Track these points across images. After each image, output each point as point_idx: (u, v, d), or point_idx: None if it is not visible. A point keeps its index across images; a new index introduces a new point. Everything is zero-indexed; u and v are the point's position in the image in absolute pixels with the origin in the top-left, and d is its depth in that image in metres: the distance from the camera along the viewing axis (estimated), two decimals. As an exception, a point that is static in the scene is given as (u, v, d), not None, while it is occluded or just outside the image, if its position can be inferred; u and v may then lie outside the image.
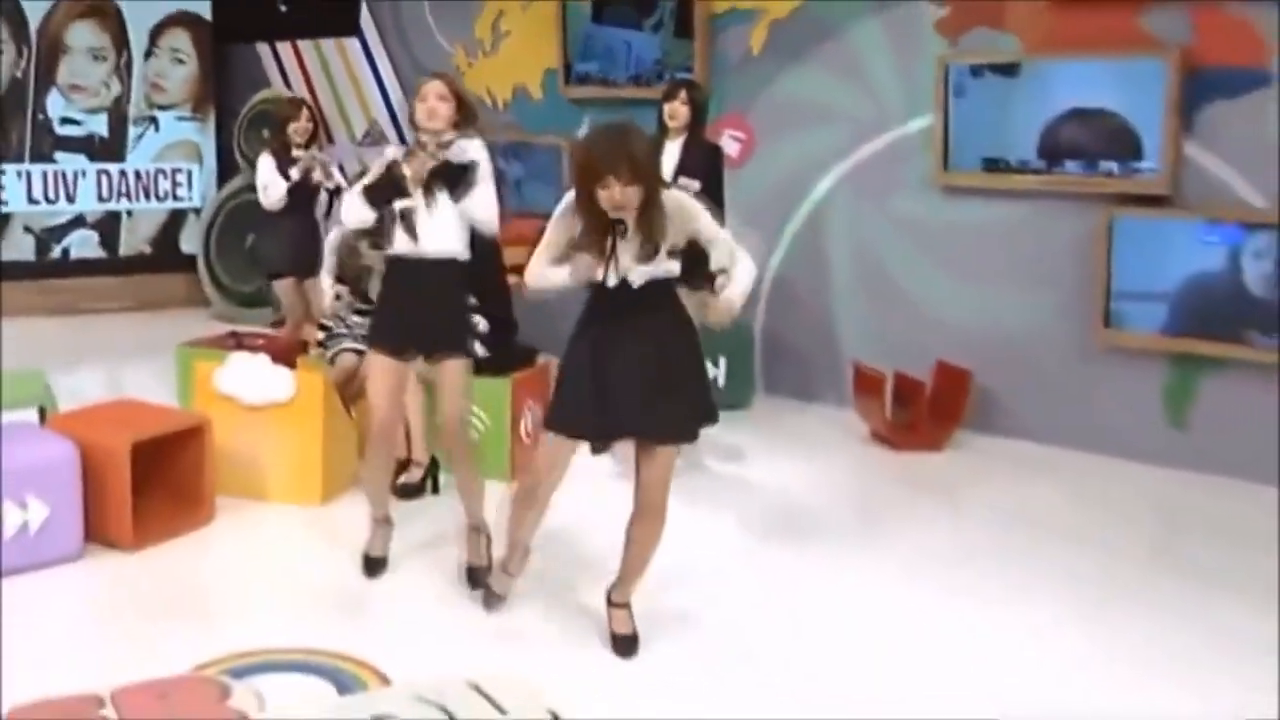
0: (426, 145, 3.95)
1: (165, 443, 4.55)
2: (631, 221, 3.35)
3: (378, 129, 8.43)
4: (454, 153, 3.97)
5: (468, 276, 4.07)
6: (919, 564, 4.45)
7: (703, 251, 3.48)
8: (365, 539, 4.28)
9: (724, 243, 3.46)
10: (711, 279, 4.94)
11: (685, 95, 5.24)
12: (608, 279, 3.40)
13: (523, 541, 3.85)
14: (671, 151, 5.23)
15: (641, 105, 6.67)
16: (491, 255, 5.59)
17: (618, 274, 3.39)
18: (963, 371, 5.89)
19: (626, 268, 3.38)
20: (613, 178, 3.27)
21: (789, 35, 6.53)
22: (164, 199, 9.10)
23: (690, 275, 3.52)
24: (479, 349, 4.25)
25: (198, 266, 8.91)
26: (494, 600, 3.96)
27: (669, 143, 5.25)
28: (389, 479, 4.30)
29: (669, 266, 3.43)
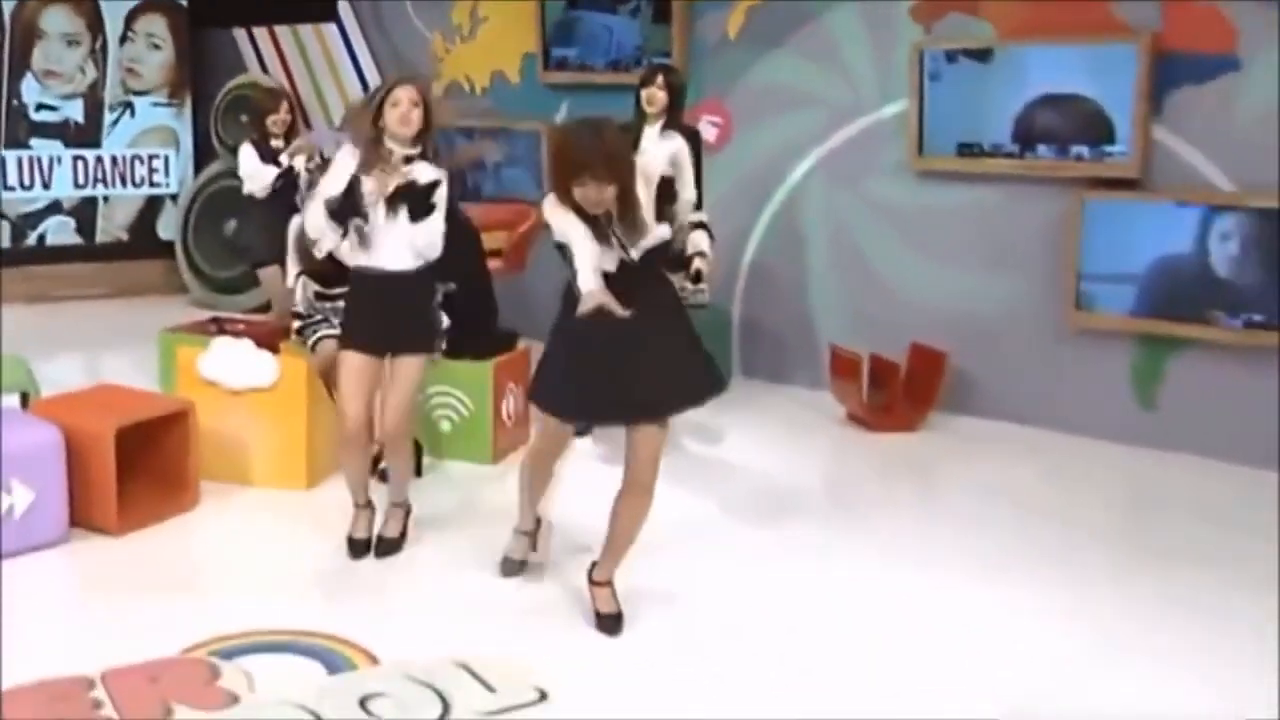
0: (391, 156, 3.93)
1: (149, 428, 4.54)
2: (613, 211, 3.41)
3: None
4: (418, 170, 3.96)
5: (430, 281, 4.13)
6: (896, 543, 4.50)
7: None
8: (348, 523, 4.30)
9: (686, 202, 3.61)
10: (688, 263, 5.01)
11: (663, 80, 5.23)
12: (606, 262, 3.41)
13: (533, 503, 3.94)
14: (650, 136, 5.23)
15: (620, 91, 6.68)
16: (471, 240, 5.61)
17: (615, 256, 3.42)
18: (938, 353, 5.95)
19: (623, 247, 3.42)
20: (589, 176, 3.32)
21: (766, 21, 6.55)
22: (140, 185, 9.03)
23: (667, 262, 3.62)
24: (441, 344, 4.34)
25: (175, 253, 8.85)
26: (512, 566, 4.03)
27: (647, 127, 5.25)
28: (367, 471, 4.31)
29: (660, 233, 3.49)
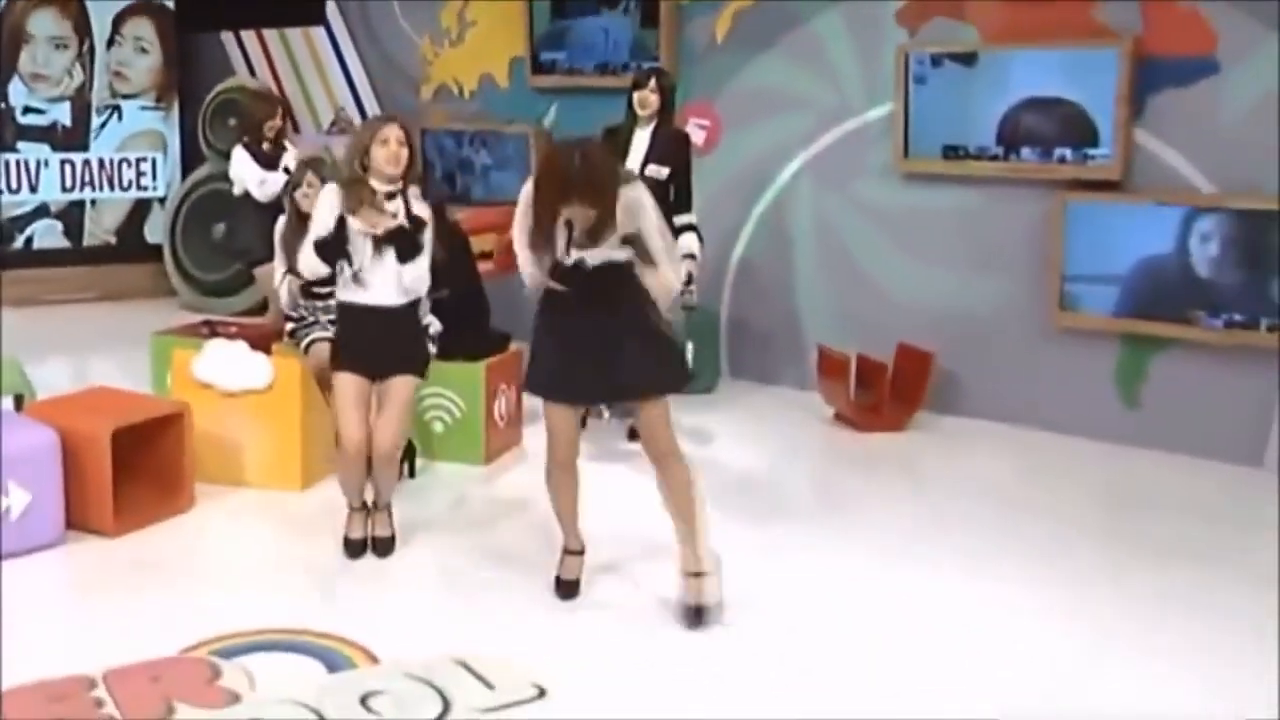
0: (375, 195, 4.01)
1: (144, 430, 4.55)
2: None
3: (344, 117, 8.40)
4: (401, 207, 4.05)
5: (416, 311, 4.26)
6: (885, 542, 4.54)
7: None
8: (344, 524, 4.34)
9: (659, 241, 3.63)
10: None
11: (655, 83, 5.27)
12: (564, 261, 3.62)
13: (566, 514, 3.91)
14: (641, 139, 5.27)
15: (608, 94, 6.72)
16: (461, 244, 5.64)
17: (572, 258, 3.61)
18: (925, 353, 6.00)
19: (579, 253, 3.60)
20: (576, 200, 3.49)
21: (753, 24, 6.60)
22: (128, 188, 9.02)
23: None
24: (431, 349, 4.46)
25: (163, 256, 8.84)
26: (568, 589, 3.91)
27: (638, 130, 5.29)
28: (364, 480, 4.32)
29: (615, 255, 3.62)
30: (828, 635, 3.76)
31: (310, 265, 4.12)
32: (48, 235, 8.84)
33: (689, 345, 6.38)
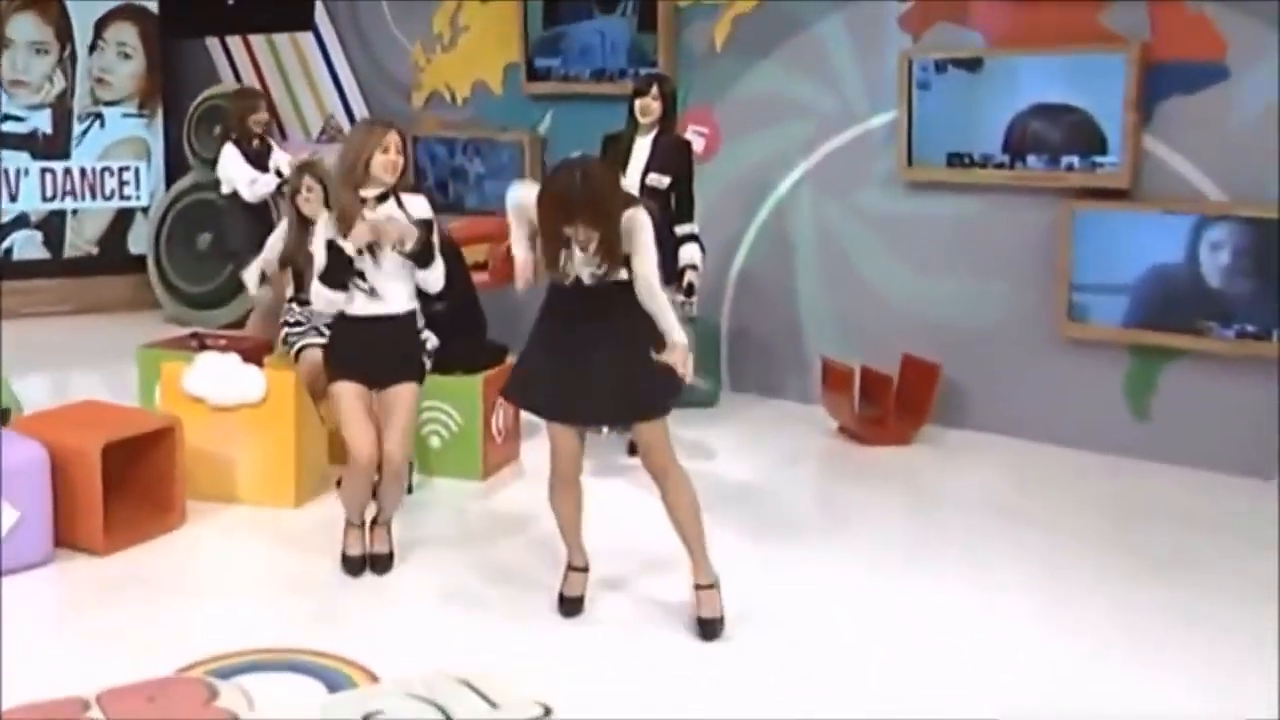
0: (365, 203, 4.06)
1: (134, 445, 4.59)
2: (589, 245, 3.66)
3: (334, 125, 8.46)
4: (392, 208, 4.10)
5: (414, 318, 4.30)
6: (891, 557, 4.59)
7: None
8: (341, 541, 4.38)
9: (647, 276, 3.70)
10: (680, 276, 5.13)
11: (658, 90, 5.34)
12: (564, 279, 3.72)
13: (570, 530, 3.97)
14: (642, 147, 5.34)
15: (605, 101, 6.79)
16: (454, 256, 5.68)
17: (572, 275, 3.71)
18: (930, 365, 6.06)
19: (580, 270, 3.69)
20: (579, 223, 3.58)
21: (753, 29, 6.67)
22: (110, 198, 9.07)
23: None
24: (425, 363, 4.47)
25: (147, 268, 8.88)
26: (572, 606, 3.99)
27: (640, 138, 5.35)
28: (369, 494, 4.36)
29: (618, 273, 3.72)
30: (832, 651, 3.81)
31: (324, 299, 4.13)
32: (27, 246, 8.89)
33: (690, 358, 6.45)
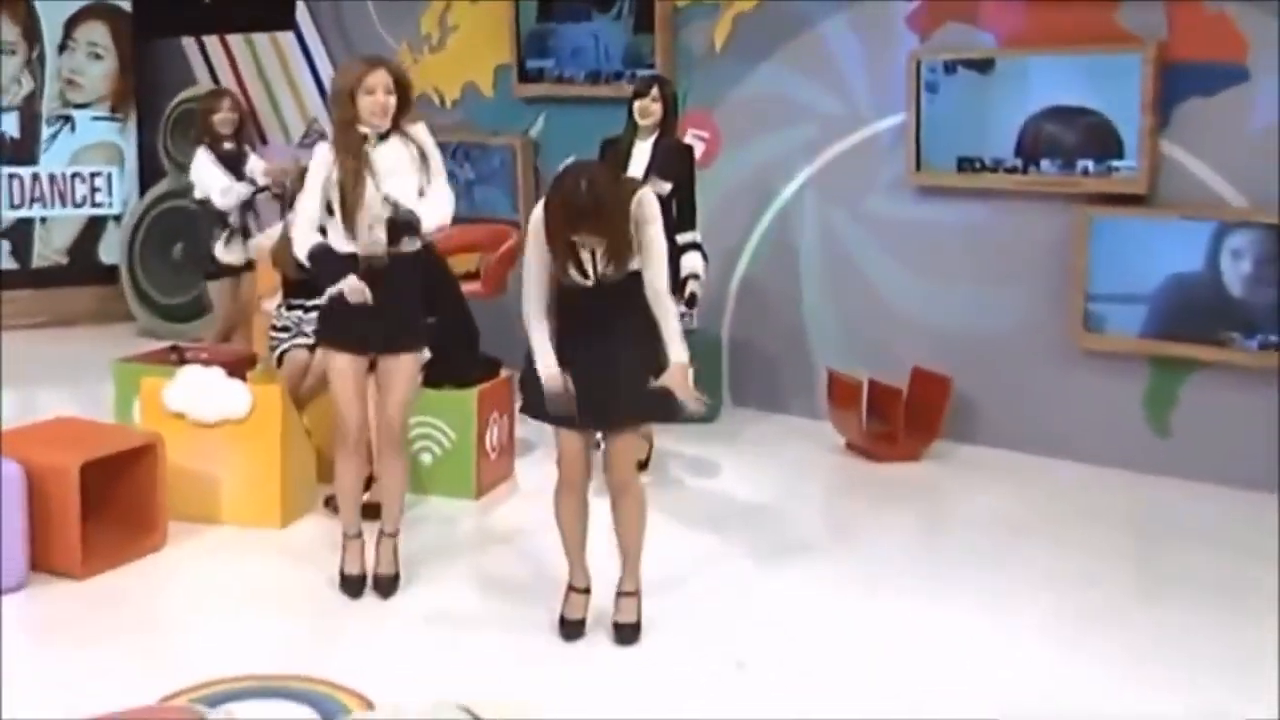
0: (366, 140, 4.02)
1: (113, 464, 4.59)
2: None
3: (317, 129, 8.47)
4: (390, 148, 4.06)
5: (416, 272, 4.22)
6: (901, 579, 4.60)
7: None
8: (338, 558, 4.38)
9: (652, 283, 3.78)
10: (681, 286, 5.15)
11: (657, 92, 5.38)
12: (573, 282, 3.75)
13: (574, 545, 3.99)
14: (642, 151, 5.36)
15: (600, 104, 6.83)
16: (441, 266, 5.70)
17: (584, 278, 3.74)
18: (941, 378, 6.08)
19: (593, 272, 3.74)
20: (585, 231, 3.64)
21: (755, 29, 6.71)
22: (81, 205, 9.06)
23: None
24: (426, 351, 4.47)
25: (120, 278, 8.88)
26: (573, 629, 4.00)
27: (639, 142, 5.38)
28: (361, 487, 4.39)
29: (634, 264, 3.77)
30: (843, 675, 3.83)
31: (301, 241, 4.14)
32: (-6, 255, 8.89)
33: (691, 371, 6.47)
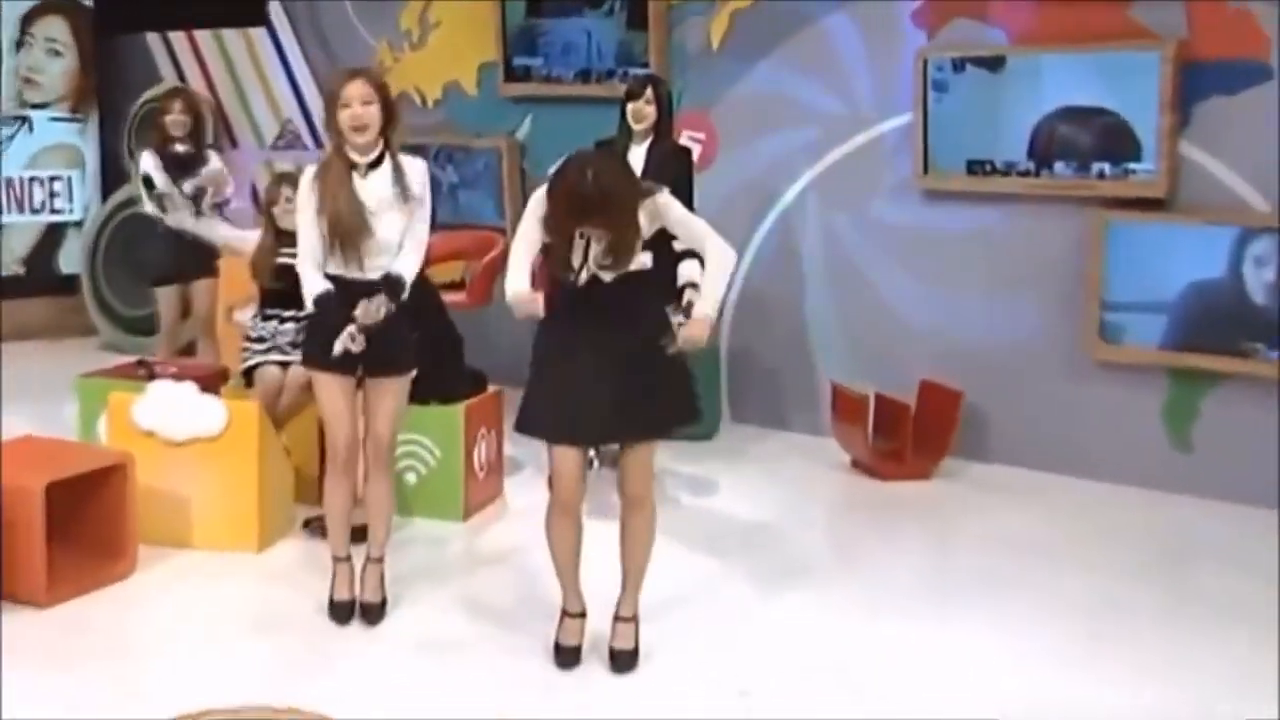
0: (356, 169, 4.03)
1: (80, 485, 4.55)
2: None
3: (291, 130, 8.46)
4: (378, 181, 4.06)
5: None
6: (908, 602, 4.60)
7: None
8: (317, 583, 4.37)
9: (694, 224, 3.84)
10: (679, 294, 5.14)
11: (651, 93, 5.36)
12: (579, 278, 3.72)
13: (567, 569, 3.97)
14: (636, 155, 5.34)
15: (590, 104, 6.83)
16: (420, 277, 5.67)
17: (588, 273, 3.73)
18: (951, 392, 6.08)
19: (596, 267, 3.72)
20: (590, 224, 3.63)
21: (754, 26, 6.72)
22: (39, 211, 9.03)
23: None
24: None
25: (80, 289, 8.84)
26: (568, 656, 3.99)
27: (633, 145, 5.36)
28: (350, 508, 4.37)
29: (641, 260, 3.77)
30: (852, 700, 3.82)
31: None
32: (-54, 266, 8.85)
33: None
